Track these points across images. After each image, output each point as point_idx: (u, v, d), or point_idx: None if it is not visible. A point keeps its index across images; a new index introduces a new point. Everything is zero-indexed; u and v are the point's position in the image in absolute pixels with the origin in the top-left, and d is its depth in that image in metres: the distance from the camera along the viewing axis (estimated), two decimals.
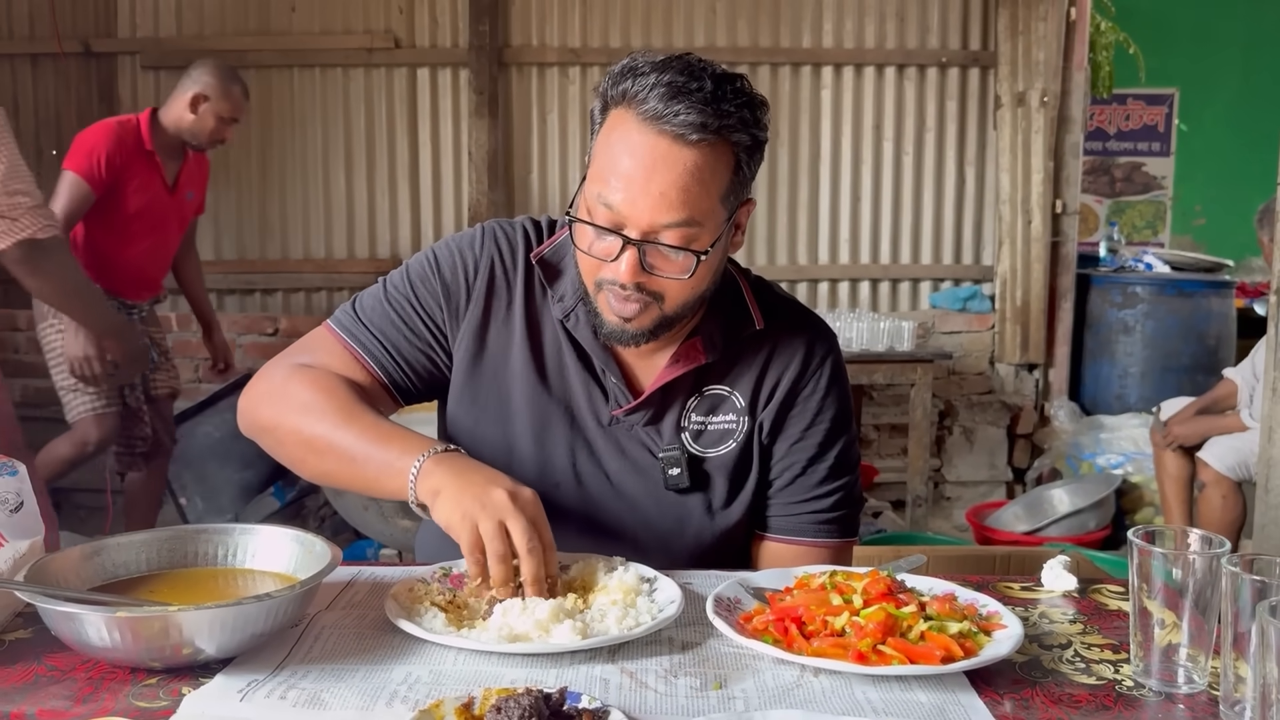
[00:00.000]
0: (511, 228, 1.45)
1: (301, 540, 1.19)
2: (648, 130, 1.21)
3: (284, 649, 1.07)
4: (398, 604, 1.14)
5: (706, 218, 1.24)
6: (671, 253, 1.25)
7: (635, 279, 1.25)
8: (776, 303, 1.46)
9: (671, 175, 1.21)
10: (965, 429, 5.00)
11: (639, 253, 1.24)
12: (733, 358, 1.42)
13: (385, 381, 1.40)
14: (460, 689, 0.97)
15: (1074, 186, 4.93)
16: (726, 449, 1.41)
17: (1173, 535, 1.09)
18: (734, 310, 1.42)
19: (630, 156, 1.22)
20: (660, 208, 1.21)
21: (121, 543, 1.19)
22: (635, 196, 1.21)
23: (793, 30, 4.89)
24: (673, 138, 1.20)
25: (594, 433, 1.41)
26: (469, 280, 1.41)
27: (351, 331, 1.40)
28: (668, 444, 1.39)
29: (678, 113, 1.19)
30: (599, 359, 1.38)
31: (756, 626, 1.10)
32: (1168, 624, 1.05)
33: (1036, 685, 1.04)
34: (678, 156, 1.21)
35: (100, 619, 0.97)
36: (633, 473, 1.40)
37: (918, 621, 1.08)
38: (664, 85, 1.21)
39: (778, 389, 1.42)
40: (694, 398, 1.41)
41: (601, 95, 1.28)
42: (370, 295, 1.43)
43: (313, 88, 4.80)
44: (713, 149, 1.22)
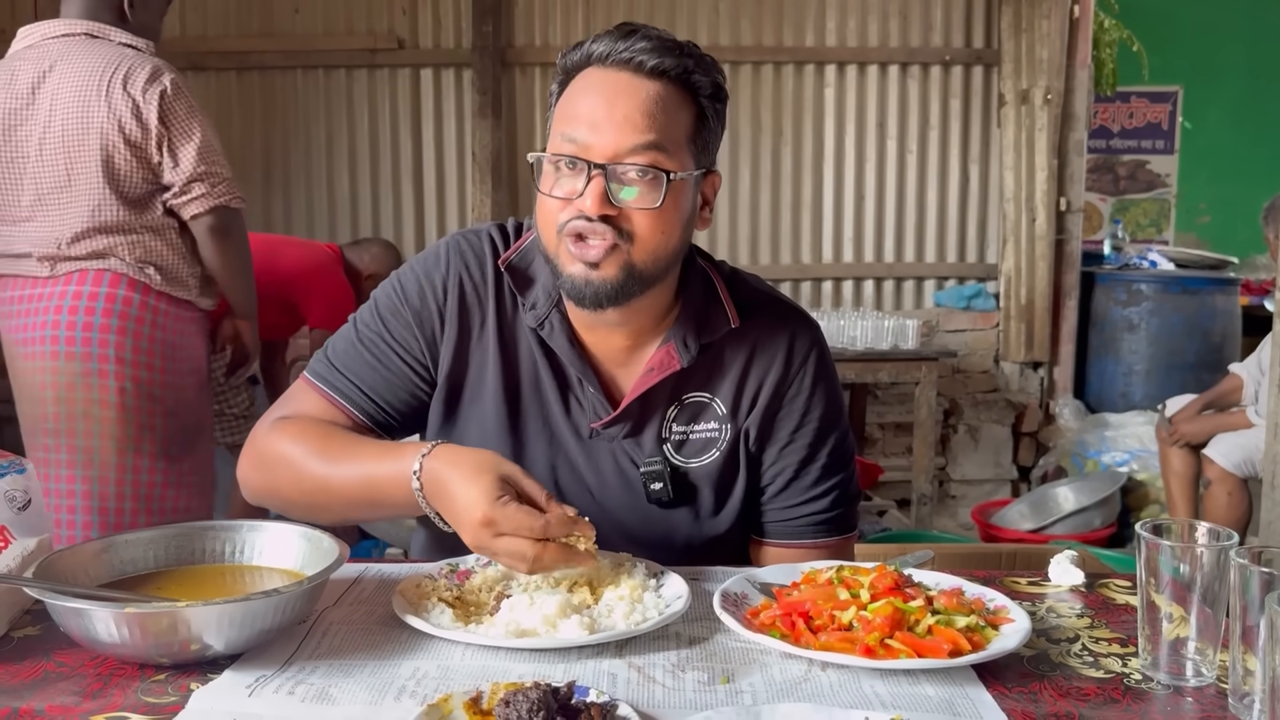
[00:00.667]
0: (477, 237, 1.39)
1: (309, 537, 1.19)
2: (607, 70, 1.23)
3: (292, 645, 1.07)
4: (405, 600, 1.14)
5: (674, 147, 1.23)
6: (639, 178, 1.21)
7: (602, 209, 1.20)
8: (753, 298, 1.41)
9: (635, 100, 1.21)
10: (970, 427, 4.99)
11: (605, 181, 1.20)
12: (711, 361, 1.36)
13: (369, 424, 1.36)
14: (468, 684, 0.97)
15: (1078, 184, 4.93)
16: (710, 458, 1.37)
17: (1180, 529, 1.09)
18: (708, 309, 1.37)
19: (592, 93, 1.23)
20: (625, 130, 1.20)
21: (129, 539, 1.19)
22: (599, 123, 1.20)
23: (796, 29, 4.89)
24: (633, 69, 1.22)
25: (573, 448, 1.36)
26: (439, 304, 1.36)
27: (327, 379, 1.36)
28: (649, 457, 1.35)
29: (633, 44, 1.22)
30: (575, 368, 1.34)
31: (764, 621, 1.10)
32: (1175, 618, 1.05)
33: (1044, 678, 1.04)
34: (639, 85, 1.22)
35: (109, 615, 0.97)
36: (616, 487, 1.37)
37: (925, 615, 1.08)
38: (616, 33, 1.25)
39: (761, 393, 1.37)
40: (674, 407, 1.36)
41: (559, 74, 1.29)
42: (342, 338, 1.38)
43: (316, 89, 4.80)
44: (675, 89, 1.24)
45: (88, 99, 2.36)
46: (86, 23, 2.45)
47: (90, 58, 2.40)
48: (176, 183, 2.38)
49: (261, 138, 4.82)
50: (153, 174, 2.40)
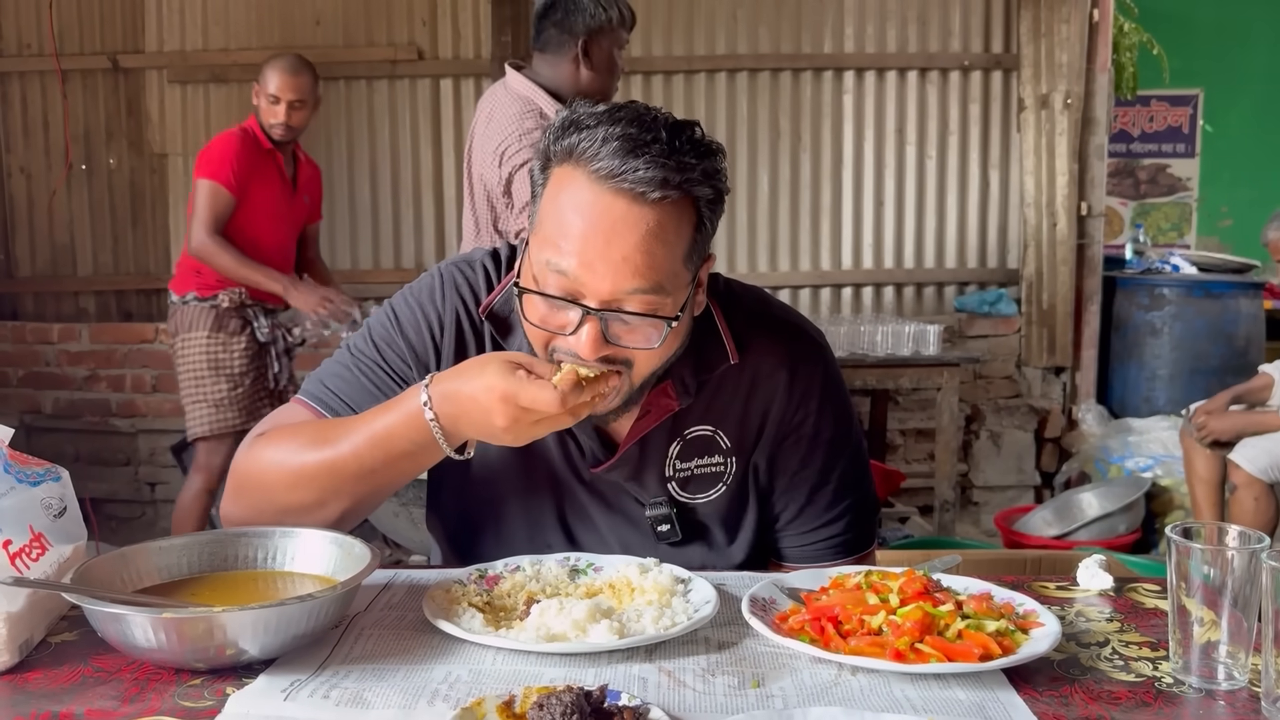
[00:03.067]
0: (471, 269, 1.34)
1: (340, 543, 1.20)
2: (602, 189, 1.10)
3: (325, 650, 1.08)
4: (435, 604, 1.15)
5: (672, 282, 1.14)
6: (636, 321, 1.14)
7: (598, 353, 1.13)
8: (751, 325, 1.34)
9: (633, 238, 1.10)
10: (992, 433, 4.97)
11: (600, 324, 1.13)
12: (710, 394, 1.32)
13: None
14: (500, 688, 0.98)
15: (1099, 188, 4.91)
16: (717, 493, 1.34)
17: (1210, 532, 1.09)
18: (706, 344, 1.30)
19: (584, 219, 1.11)
20: (623, 274, 1.10)
21: (163, 546, 1.20)
22: (593, 262, 1.10)
23: (813, 36, 4.90)
24: (631, 197, 1.10)
25: (578, 490, 1.33)
26: (435, 339, 1.32)
27: (322, 399, 1.31)
28: (654, 497, 1.32)
29: (635, 169, 1.09)
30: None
31: (793, 626, 1.11)
32: (1206, 621, 1.05)
33: (1075, 682, 1.04)
34: (638, 216, 1.10)
35: (146, 620, 0.98)
36: (624, 525, 1.35)
37: (955, 620, 1.08)
38: (616, 139, 1.10)
39: (767, 423, 1.33)
40: (675, 443, 1.32)
41: (543, 152, 1.17)
42: (336, 362, 1.34)
43: (338, 100, 4.84)
44: (675, 206, 1.13)
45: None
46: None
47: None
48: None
49: None
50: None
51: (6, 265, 4.97)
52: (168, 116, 4.88)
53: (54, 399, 4.75)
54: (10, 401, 4.66)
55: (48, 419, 4.70)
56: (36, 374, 4.75)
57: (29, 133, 4.90)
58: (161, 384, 4.68)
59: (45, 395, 4.75)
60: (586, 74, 2.80)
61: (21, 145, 4.91)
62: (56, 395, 4.75)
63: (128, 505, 4.75)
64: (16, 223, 4.95)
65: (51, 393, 4.75)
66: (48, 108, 4.89)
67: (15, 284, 4.97)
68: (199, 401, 3.50)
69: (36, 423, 4.69)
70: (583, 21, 2.78)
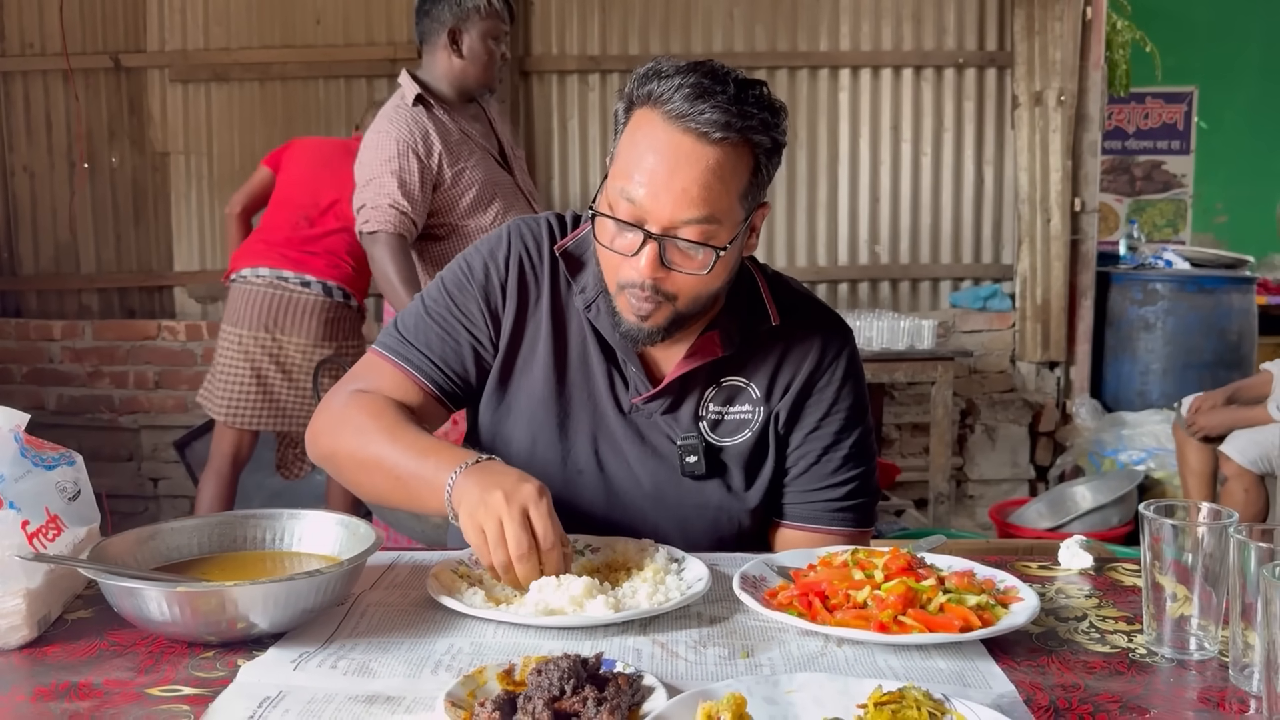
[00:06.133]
0: (536, 223, 1.49)
1: (346, 524, 1.25)
2: (672, 128, 1.25)
3: (332, 624, 1.12)
4: (439, 582, 1.19)
5: (725, 215, 1.28)
6: (690, 249, 1.28)
7: (654, 274, 1.28)
8: (793, 299, 1.49)
9: (694, 172, 1.24)
10: (987, 427, 5.02)
11: (659, 248, 1.27)
12: (750, 351, 1.45)
13: (437, 394, 1.45)
14: (501, 659, 1.02)
15: (1092, 185, 4.94)
16: (743, 438, 1.45)
17: (1183, 511, 1.13)
18: (751, 306, 1.45)
19: (654, 153, 1.25)
20: (681, 203, 1.25)
21: (175, 527, 1.25)
22: (658, 191, 1.25)
23: (809, 34, 4.94)
24: (696, 136, 1.24)
25: (614, 421, 1.44)
26: (502, 279, 1.45)
27: (398, 351, 1.45)
28: (685, 432, 1.43)
29: (702, 111, 1.23)
30: (621, 349, 1.42)
31: (782, 601, 1.15)
32: (1180, 597, 1.09)
33: (1052, 654, 1.08)
34: (700, 154, 1.25)
35: (161, 594, 1.03)
36: (652, 459, 1.44)
37: (937, 594, 1.12)
38: (689, 86, 1.25)
39: (794, 381, 1.45)
40: (712, 388, 1.44)
41: (626, 96, 1.32)
42: (410, 313, 1.48)
43: (338, 98, 4.87)
44: (734, 149, 1.26)
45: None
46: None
47: None
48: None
49: None
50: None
51: (10, 263, 5.01)
52: (169, 115, 4.92)
53: (57, 395, 4.79)
54: (14, 398, 4.69)
55: (51, 415, 4.74)
56: (40, 371, 4.79)
57: (32, 132, 4.94)
58: (164, 380, 4.73)
59: (49, 392, 4.80)
60: (458, 63, 2.87)
61: (25, 144, 4.95)
62: (60, 392, 4.79)
63: (131, 500, 4.79)
64: (20, 221, 4.99)
65: (55, 389, 4.79)
66: (51, 107, 4.93)
67: (19, 281, 5.01)
68: (233, 397, 3.51)
69: (40, 419, 4.69)
70: (449, 11, 2.86)
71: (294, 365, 3.43)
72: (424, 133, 2.79)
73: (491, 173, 2.93)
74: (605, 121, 4.93)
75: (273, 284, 3.41)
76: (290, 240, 3.47)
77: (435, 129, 2.81)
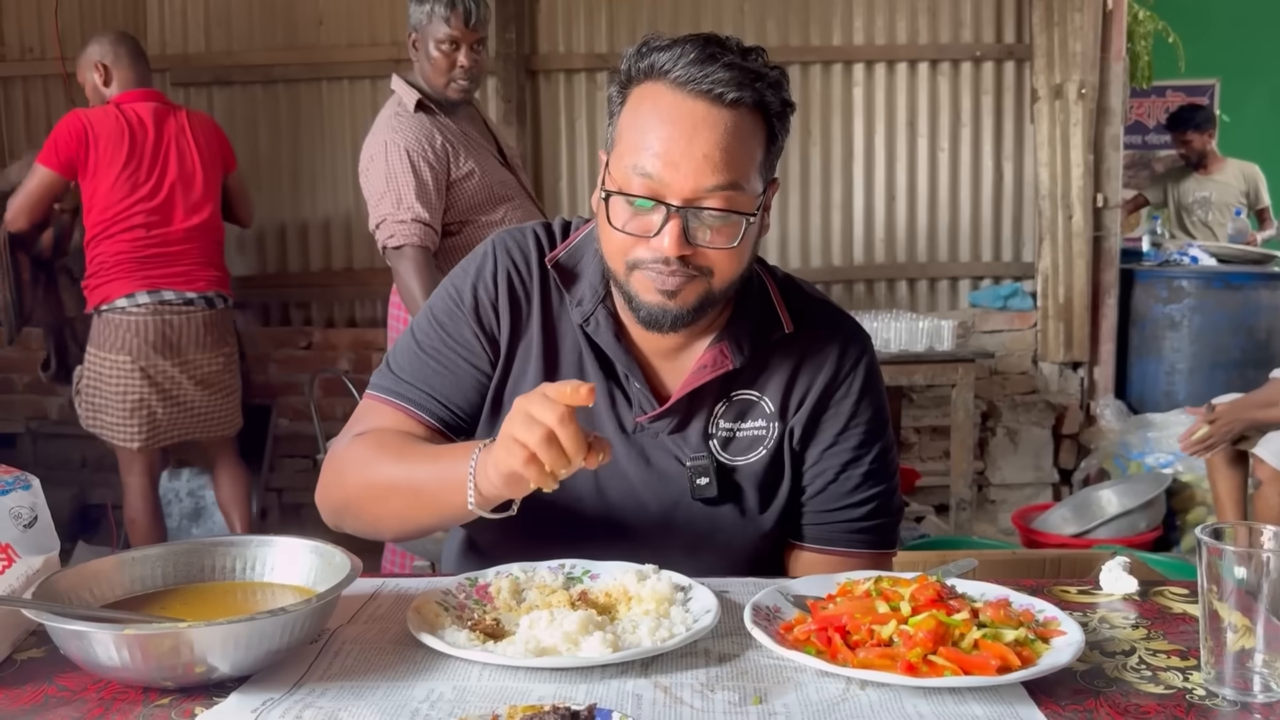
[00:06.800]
0: (522, 235, 1.40)
1: (320, 551, 1.15)
2: (682, 95, 1.18)
3: (302, 666, 1.02)
4: (420, 617, 1.09)
5: (748, 181, 1.21)
6: (716, 220, 1.20)
7: (681, 251, 1.19)
8: (806, 304, 1.40)
9: (714, 136, 1.17)
10: (1009, 430, 4.90)
11: (683, 221, 1.18)
12: (761, 362, 1.35)
13: (441, 429, 1.35)
14: (485, 706, 0.92)
15: (1115, 180, 4.82)
16: (756, 457, 1.35)
17: (1243, 533, 1.02)
18: (762, 313, 1.36)
19: (668, 123, 1.18)
20: (704, 171, 1.17)
21: (136, 557, 1.15)
22: (676, 160, 1.17)
23: (822, 28, 4.83)
24: (710, 100, 1.18)
25: (616, 441, 1.34)
26: (492, 299, 1.36)
27: (396, 391, 1.36)
28: (695, 452, 1.33)
29: (713, 73, 1.17)
30: (622, 364, 1.33)
31: (798, 637, 1.04)
32: (1240, 628, 0.98)
33: (1100, 695, 0.97)
34: (718, 118, 1.18)
35: (109, 637, 0.93)
36: (659, 481, 1.34)
37: (970, 629, 1.01)
38: (694, 51, 1.19)
39: (809, 394, 1.35)
40: (722, 403, 1.35)
41: (623, 75, 1.24)
42: (401, 350, 1.39)
43: (341, 100, 4.79)
44: (750, 112, 1.20)
45: None
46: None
47: None
48: None
49: (288, 150, 4.82)
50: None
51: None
52: None
53: (59, 405, 4.71)
54: (16, 407, 4.64)
55: (54, 425, 4.67)
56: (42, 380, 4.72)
57: (32, 136, 4.87)
58: None
59: (50, 401, 4.72)
60: (425, 68, 2.88)
61: (25, 149, 4.87)
62: (62, 401, 4.71)
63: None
64: None
65: (57, 399, 4.71)
66: (51, 111, 4.86)
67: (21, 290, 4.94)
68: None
69: (43, 429, 4.66)
70: (413, 15, 2.89)
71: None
72: (430, 137, 2.77)
73: (497, 172, 2.93)
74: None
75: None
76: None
77: (440, 133, 2.80)
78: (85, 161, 3.41)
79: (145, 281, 3.41)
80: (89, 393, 3.49)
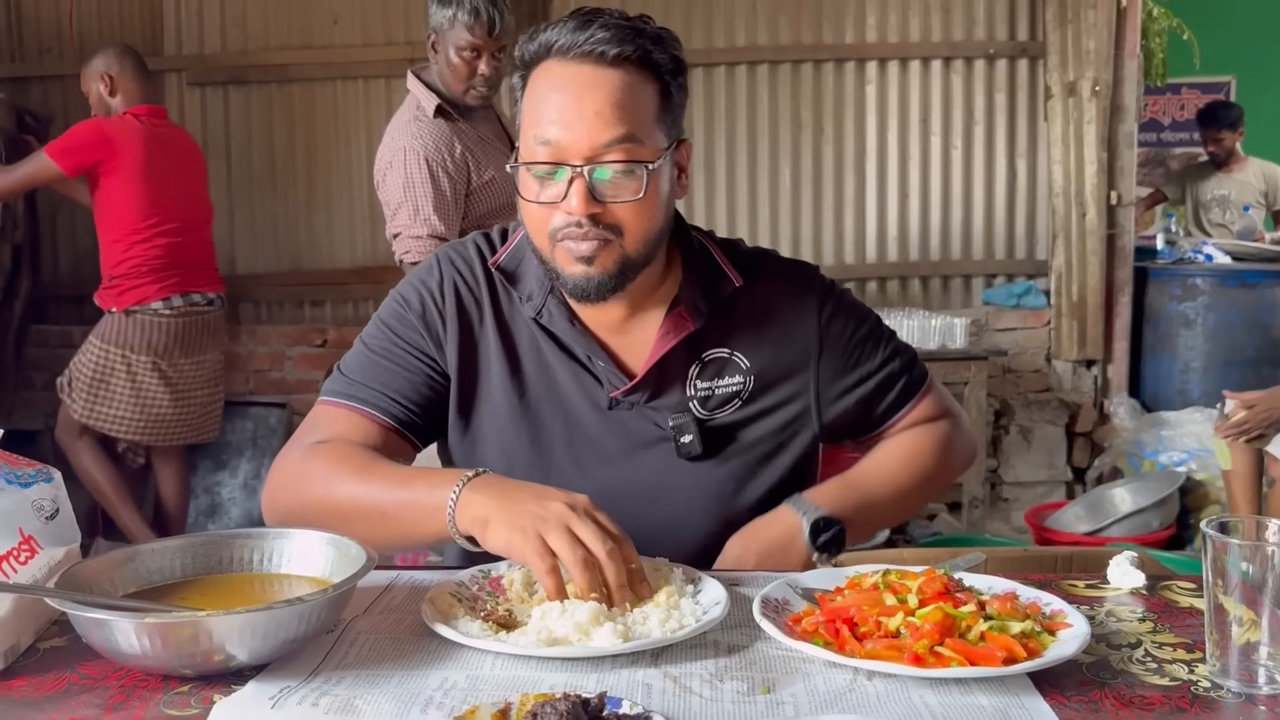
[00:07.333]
0: (464, 246, 1.45)
1: (336, 543, 1.16)
2: (568, 63, 1.24)
3: (319, 655, 1.04)
4: (434, 608, 1.11)
5: (646, 135, 1.25)
6: (619, 174, 1.24)
7: (588, 209, 1.24)
8: (749, 257, 1.46)
9: (602, 94, 1.23)
10: (1022, 428, 4.89)
11: (587, 181, 1.23)
12: (723, 319, 1.40)
13: (396, 427, 1.38)
14: (497, 694, 0.94)
15: (1129, 177, 4.81)
16: (735, 409, 1.40)
17: (1249, 526, 1.03)
18: (708, 272, 1.41)
19: (558, 90, 1.24)
20: (597, 127, 1.22)
21: (155, 549, 1.17)
22: (571, 122, 1.22)
23: (835, 26, 4.83)
24: (595, 61, 1.24)
25: (593, 422, 1.38)
26: (439, 306, 1.40)
27: (347, 393, 1.38)
28: (675, 413, 1.37)
29: (592, 35, 1.23)
30: (582, 346, 1.37)
31: (806, 628, 1.06)
32: (1245, 621, 0.99)
33: (1105, 686, 0.98)
34: (604, 77, 1.24)
35: (130, 625, 0.95)
36: (643, 451, 1.38)
37: (977, 621, 1.02)
38: (574, 21, 1.25)
39: (778, 336, 1.41)
40: (695, 365, 1.39)
41: (519, 64, 1.30)
42: (352, 355, 1.43)
43: (356, 99, 4.82)
44: (637, 70, 1.26)
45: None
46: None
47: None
48: None
49: (303, 149, 4.85)
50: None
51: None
52: (188, 118, 4.87)
53: None
54: (35, 404, 4.67)
55: None
56: None
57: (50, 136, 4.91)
58: None
59: None
60: (444, 71, 2.85)
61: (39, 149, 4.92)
62: None
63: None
64: (39, 227, 4.96)
65: None
66: (70, 111, 4.90)
67: (38, 288, 4.98)
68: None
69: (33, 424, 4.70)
70: (432, 16, 2.87)
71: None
72: (450, 145, 2.75)
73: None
74: None
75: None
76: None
77: (459, 140, 2.77)
78: (103, 168, 3.52)
79: (179, 285, 3.62)
80: (95, 385, 3.58)
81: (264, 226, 4.89)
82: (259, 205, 4.89)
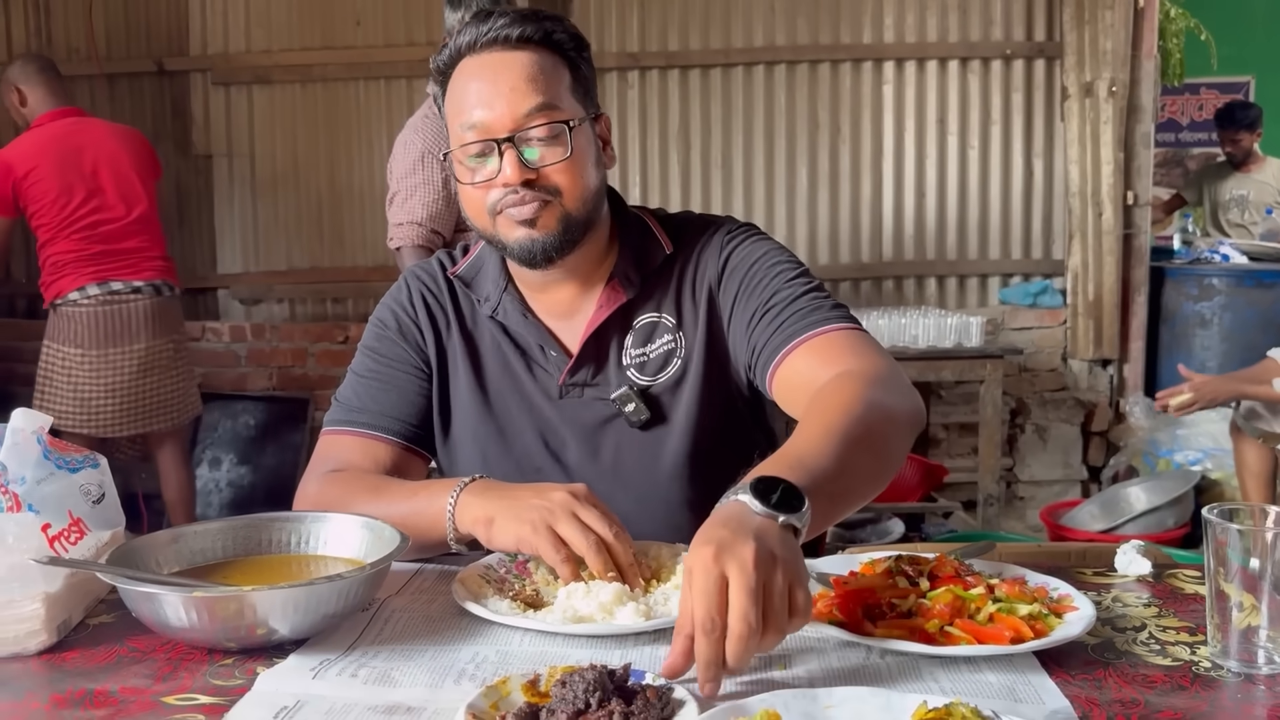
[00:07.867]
0: (429, 264, 1.55)
1: (371, 527, 1.22)
2: (478, 55, 1.34)
3: (355, 631, 1.09)
4: (464, 588, 1.16)
5: (562, 101, 1.34)
6: (544, 141, 1.32)
7: (522, 175, 1.31)
8: (683, 223, 1.51)
9: (514, 71, 1.32)
10: (1038, 427, 4.91)
11: (516, 150, 1.30)
12: (654, 285, 1.46)
13: (401, 443, 1.45)
14: (526, 668, 0.98)
15: (1145, 177, 4.82)
16: (673, 370, 1.44)
17: (1249, 514, 1.06)
18: (643, 244, 1.47)
19: (474, 79, 1.33)
20: (516, 100, 1.31)
21: (199, 530, 1.22)
22: (490, 101, 1.31)
23: (852, 26, 4.86)
24: (501, 45, 1.33)
25: (549, 410, 1.45)
26: (412, 317, 1.50)
27: (349, 420, 1.46)
28: (616, 387, 1.43)
29: (494, 24, 1.33)
30: (534, 336, 1.44)
31: (821, 610, 1.10)
32: (1246, 606, 1.03)
33: (1109, 666, 1.02)
34: (513, 58, 1.33)
35: (179, 599, 1.00)
36: (599, 432, 1.44)
37: (986, 603, 1.06)
38: (474, 18, 1.35)
39: (699, 287, 1.44)
40: (628, 335, 1.45)
41: (436, 75, 1.39)
42: (345, 385, 1.50)
43: (378, 99, 4.88)
44: (543, 51, 1.34)
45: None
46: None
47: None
48: None
49: (326, 149, 4.91)
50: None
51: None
52: (212, 118, 4.95)
53: None
54: None
55: None
56: None
57: None
58: (208, 381, 4.74)
59: None
60: None
61: None
62: None
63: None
64: None
65: None
66: (96, 111, 4.97)
67: None
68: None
69: None
70: (445, 21, 3.00)
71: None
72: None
73: None
74: (646, 120, 4.89)
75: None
76: None
77: None
78: (19, 192, 3.57)
79: (95, 274, 3.58)
80: (42, 382, 3.67)
81: (286, 225, 4.96)
82: (281, 203, 4.96)
